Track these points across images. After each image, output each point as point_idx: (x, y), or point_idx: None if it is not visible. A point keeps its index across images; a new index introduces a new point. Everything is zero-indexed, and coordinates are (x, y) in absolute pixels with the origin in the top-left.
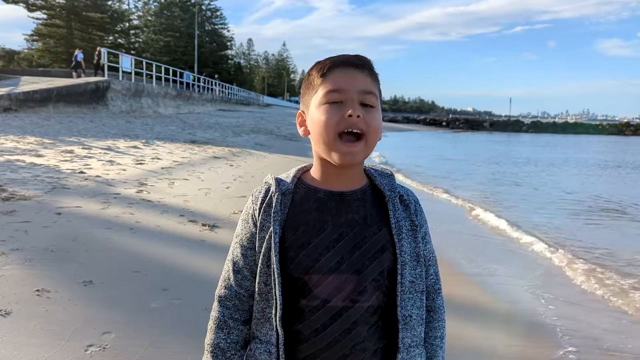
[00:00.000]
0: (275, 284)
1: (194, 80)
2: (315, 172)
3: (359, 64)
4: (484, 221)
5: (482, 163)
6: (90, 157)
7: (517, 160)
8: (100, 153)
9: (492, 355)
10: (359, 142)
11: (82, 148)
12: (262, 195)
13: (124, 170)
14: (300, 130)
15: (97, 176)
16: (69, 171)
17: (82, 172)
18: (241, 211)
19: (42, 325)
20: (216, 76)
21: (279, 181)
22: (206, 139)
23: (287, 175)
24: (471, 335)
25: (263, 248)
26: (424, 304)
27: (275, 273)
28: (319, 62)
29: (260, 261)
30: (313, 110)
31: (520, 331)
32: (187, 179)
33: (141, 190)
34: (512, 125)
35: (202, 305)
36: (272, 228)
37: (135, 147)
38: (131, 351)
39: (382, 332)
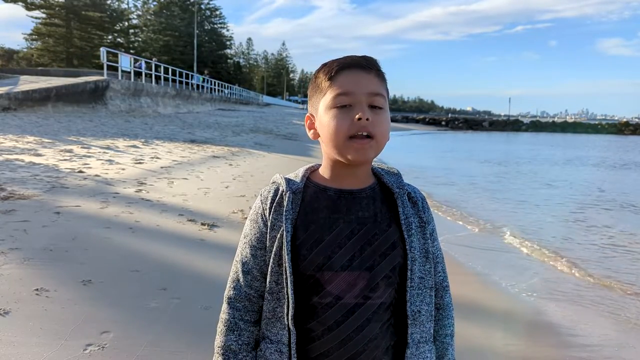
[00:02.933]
0: (287, 283)
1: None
2: (324, 172)
3: (367, 66)
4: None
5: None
6: (89, 157)
7: (530, 160)
8: (99, 152)
9: (491, 354)
10: (370, 140)
11: (81, 147)
12: (271, 194)
13: (123, 169)
14: (310, 134)
15: (96, 175)
16: (68, 170)
17: (81, 172)
18: (241, 210)
19: (41, 324)
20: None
21: (288, 180)
22: (205, 138)
23: (296, 175)
24: (470, 334)
25: (274, 247)
26: (433, 300)
27: (288, 271)
28: (325, 65)
29: (271, 260)
30: (322, 114)
31: (520, 330)
32: (186, 179)
33: (140, 190)
34: (511, 125)
35: (201, 305)
36: (284, 227)
37: (134, 146)
38: (130, 350)
39: (394, 329)
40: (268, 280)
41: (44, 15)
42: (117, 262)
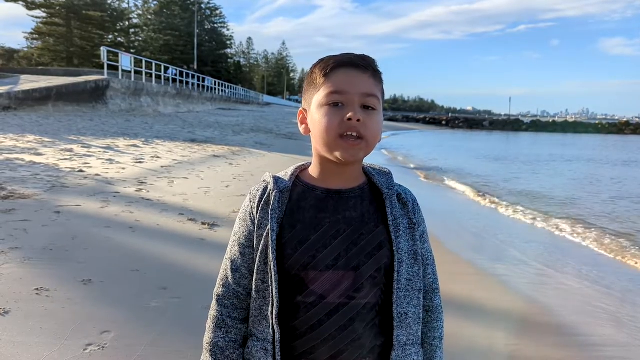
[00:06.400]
0: (272, 281)
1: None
2: (313, 170)
3: (363, 66)
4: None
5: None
6: (89, 156)
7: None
8: (99, 152)
9: (491, 354)
10: (360, 140)
11: (82, 147)
12: (259, 193)
13: (124, 169)
14: (301, 128)
15: (97, 175)
16: (69, 170)
17: (81, 171)
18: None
19: (41, 324)
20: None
21: (277, 179)
22: (206, 137)
23: (286, 174)
24: (470, 333)
25: (261, 245)
26: (421, 303)
27: (272, 270)
28: (322, 60)
29: (257, 259)
30: (314, 110)
31: (522, 329)
32: (186, 178)
33: (141, 189)
34: (511, 124)
35: (201, 304)
36: (269, 225)
37: (134, 145)
38: (130, 350)
39: (380, 329)
40: (254, 278)
41: (44, 15)
42: (117, 262)
